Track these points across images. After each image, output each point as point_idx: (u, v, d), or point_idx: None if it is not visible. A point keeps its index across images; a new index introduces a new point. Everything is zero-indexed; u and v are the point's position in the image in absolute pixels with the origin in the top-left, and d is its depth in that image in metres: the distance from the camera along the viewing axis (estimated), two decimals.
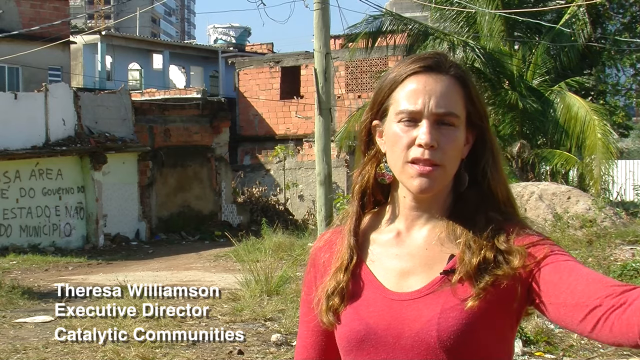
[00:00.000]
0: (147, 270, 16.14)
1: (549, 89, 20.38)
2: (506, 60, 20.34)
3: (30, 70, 26.39)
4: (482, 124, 1.66)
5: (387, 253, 1.66)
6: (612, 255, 12.48)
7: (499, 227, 1.58)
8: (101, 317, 9.88)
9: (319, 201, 12.81)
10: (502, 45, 20.74)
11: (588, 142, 19.14)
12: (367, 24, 20.21)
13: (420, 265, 1.62)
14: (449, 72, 1.63)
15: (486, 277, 1.53)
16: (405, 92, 1.62)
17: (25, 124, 20.33)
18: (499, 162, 1.67)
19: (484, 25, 20.62)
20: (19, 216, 20.32)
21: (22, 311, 10.85)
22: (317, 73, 12.78)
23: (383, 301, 1.60)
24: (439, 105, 1.58)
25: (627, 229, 16.48)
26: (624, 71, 28.61)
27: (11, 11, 27.30)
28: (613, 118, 23.33)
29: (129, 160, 22.74)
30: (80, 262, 18.14)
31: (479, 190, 1.65)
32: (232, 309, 10.64)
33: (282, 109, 28.14)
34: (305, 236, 18.96)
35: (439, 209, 1.64)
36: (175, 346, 8.39)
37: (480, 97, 1.66)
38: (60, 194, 21.12)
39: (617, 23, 26.54)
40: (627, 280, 10.46)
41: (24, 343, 8.60)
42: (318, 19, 12.78)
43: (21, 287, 12.61)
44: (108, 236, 21.78)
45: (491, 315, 1.54)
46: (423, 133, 1.57)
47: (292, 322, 9.41)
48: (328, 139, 12.86)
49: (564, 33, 20.98)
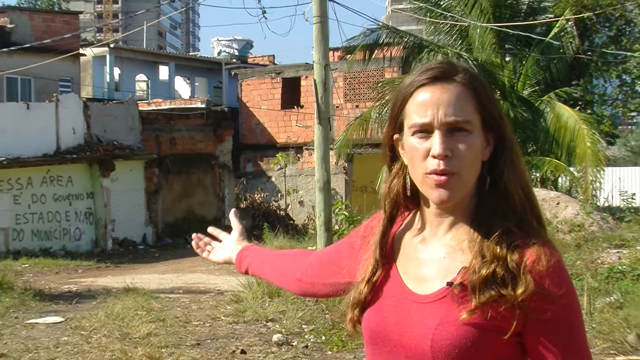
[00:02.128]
0: (154, 273, 16.14)
1: (539, 99, 20.40)
2: (498, 72, 20.36)
3: (42, 82, 26.42)
4: (498, 125, 1.62)
5: (412, 257, 1.66)
6: (599, 258, 12.47)
7: (516, 244, 1.53)
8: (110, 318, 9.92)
9: (319, 207, 12.80)
10: (494, 57, 20.76)
11: (578, 150, 19.15)
12: (365, 36, 20.23)
13: (436, 272, 1.60)
14: (456, 79, 1.60)
15: (491, 292, 1.50)
16: (415, 105, 1.60)
17: (37, 132, 20.35)
18: (519, 162, 1.62)
19: (476, 38, 20.64)
20: (30, 221, 20.34)
21: (33, 312, 10.86)
22: (316, 84, 12.78)
23: (400, 298, 1.61)
24: (447, 114, 1.56)
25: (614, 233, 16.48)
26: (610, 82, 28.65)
27: (24, 25, 27.36)
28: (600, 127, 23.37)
29: (136, 167, 22.76)
30: (89, 265, 18.15)
31: (497, 192, 1.61)
32: (235, 310, 10.64)
33: (283, 118, 28.15)
34: (305, 240, 18.97)
35: (462, 214, 1.62)
36: (180, 346, 8.40)
37: (492, 99, 1.63)
38: (71, 199, 21.14)
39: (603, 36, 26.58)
40: (613, 283, 10.46)
41: (35, 343, 8.61)
42: (317, 32, 12.79)
43: (33, 289, 12.62)
44: (116, 240, 21.79)
45: (488, 334, 1.51)
46: (436, 144, 1.55)
47: (292, 323, 9.42)
48: (327, 147, 12.85)
49: (553, 45, 21.02)
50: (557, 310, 1.51)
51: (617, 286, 10.14)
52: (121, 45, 37.70)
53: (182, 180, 24.60)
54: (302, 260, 2.04)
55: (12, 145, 19.67)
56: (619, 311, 8.70)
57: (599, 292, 9.69)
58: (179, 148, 24.53)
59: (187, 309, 11.16)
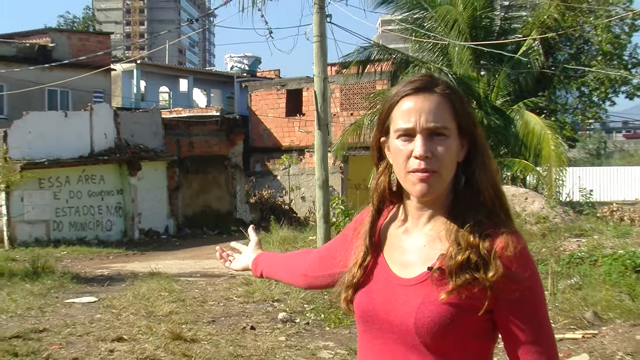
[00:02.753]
0: (175, 259, 16.15)
1: (510, 108, 20.39)
2: (474, 84, 20.35)
3: (78, 93, 26.41)
4: (472, 131, 1.63)
5: (397, 245, 1.66)
6: (561, 246, 12.48)
7: (487, 233, 1.54)
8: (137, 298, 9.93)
9: (318, 202, 12.81)
10: (471, 71, 20.75)
11: (543, 153, 19.14)
12: (358, 53, 20.22)
13: (418, 259, 1.60)
14: (436, 90, 1.61)
15: (466, 276, 1.51)
16: (400, 112, 1.60)
17: (74, 137, 20.36)
18: (489, 164, 1.63)
19: (455, 55, 20.63)
20: (68, 214, 20.34)
21: (71, 293, 10.87)
22: (316, 95, 12.79)
23: (386, 282, 1.62)
24: (428, 120, 1.57)
25: (574, 225, 16.51)
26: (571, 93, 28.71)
27: (63, 44, 27.38)
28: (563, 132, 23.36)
29: (159, 167, 22.76)
30: (119, 252, 18.17)
31: (471, 189, 1.62)
32: (245, 291, 10.65)
33: (287, 125, 28.14)
34: (307, 231, 18.97)
35: (439, 208, 1.62)
36: (198, 322, 8.41)
37: (467, 108, 1.63)
38: (103, 195, 21.15)
39: (565, 53, 26.61)
40: (574, 267, 10.47)
41: (73, 319, 8.62)
42: (317, 49, 12.79)
43: (70, 273, 12.64)
44: (142, 231, 21.79)
45: (464, 315, 1.51)
46: (418, 147, 1.56)
47: (295, 303, 9.42)
48: (325, 150, 12.86)
49: (522, 61, 21.02)
50: (523, 291, 1.52)
51: (576, 270, 10.16)
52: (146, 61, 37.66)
53: (199, 179, 24.59)
54: (305, 258, 2.06)
55: (52, 149, 19.70)
56: (579, 292, 8.72)
57: (561, 275, 9.71)
58: (196, 151, 24.52)
59: (204, 290, 11.17)
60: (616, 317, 7.42)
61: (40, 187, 19.69)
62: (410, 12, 21.15)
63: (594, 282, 9.07)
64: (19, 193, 19.04)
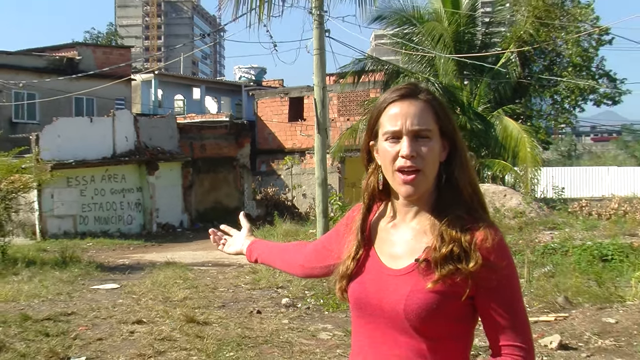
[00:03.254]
0: (188, 250, 16.15)
1: (490, 114, 20.40)
2: (458, 92, 20.36)
3: (102, 101, 26.41)
4: (452, 134, 1.62)
5: (386, 239, 1.66)
6: (536, 238, 12.50)
7: (467, 227, 1.54)
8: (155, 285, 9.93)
9: (318, 198, 12.80)
10: (455, 81, 20.75)
11: (520, 154, 19.16)
12: (354, 65, 20.23)
13: (406, 251, 1.60)
14: (420, 97, 1.61)
15: (449, 266, 1.50)
16: (388, 116, 1.60)
17: (98, 140, 20.36)
18: (466, 165, 1.62)
19: (440, 66, 20.63)
20: (93, 209, 20.34)
21: (96, 280, 10.89)
22: (316, 102, 12.77)
23: (377, 273, 1.61)
24: (413, 123, 1.57)
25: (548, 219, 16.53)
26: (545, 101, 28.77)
27: (88, 57, 27.38)
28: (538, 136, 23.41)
29: (174, 167, 22.74)
30: (138, 244, 18.16)
31: (451, 187, 1.62)
32: (252, 279, 10.65)
33: (290, 129, 28.13)
34: (307, 225, 18.97)
35: (424, 204, 1.62)
36: (209, 307, 8.41)
37: (447, 114, 1.63)
38: (124, 193, 21.13)
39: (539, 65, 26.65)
40: (547, 257, 10.48)
41: (97, 304, 8.63)
42: (317, 61, 12.77)
43: (95, 263, 12.64)
44: (159, 224, 21.77)
45: (448, 301, 1.51)
46: (404, 147, 1.56)
47: (297, 289, 9.42)
48: (324, 152, 12.85)
49: (501, 72, 21.02)
50: (500, 279, 1.52)
51: (549, 260, 10.17)
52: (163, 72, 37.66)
53: (211, 178, 24.57)
54: (301, 250, 2.05)
55: (79, 151, 19.68)
56: (551, 279, 8.72)
57: (536, 264, 9.72)
58: (208, 152, 24.50)
59: (215, 278, 11.17)
60: (585, 302, 7.43)
61: (68, 185, 19.69)
62: (400, 28, 21.16)
63: (565, 270, 9.08)
64: (50, 191, 19.03)
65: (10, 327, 7.09)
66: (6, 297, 8.89)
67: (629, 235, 13.36)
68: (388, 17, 20.73)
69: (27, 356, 5.96)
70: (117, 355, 6.07)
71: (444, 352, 1.53)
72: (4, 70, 24.48)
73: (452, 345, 1.55)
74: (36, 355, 5.99)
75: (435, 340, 1.53)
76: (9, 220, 13.88)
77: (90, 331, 7.05)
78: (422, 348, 1.52)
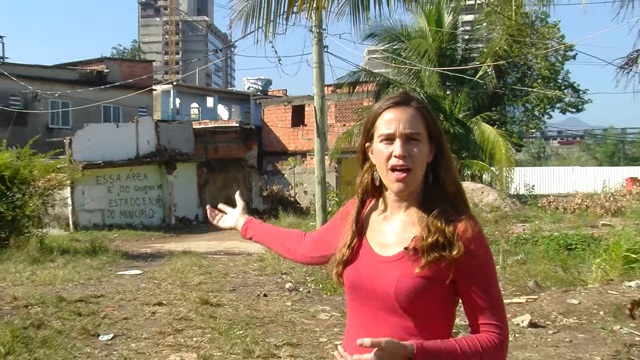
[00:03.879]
0: (203, 241, 16.15)
1: (470, 120, 20.41)
2: (441, 101, 20.37)
3: (127, 109, 26.37)
4: (438, 138, 1.62)
5: (378, 230, 1.65)
6: (510, 230, 12.51)
7: (451, 220, 1.54)
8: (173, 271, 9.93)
9: (317, 195, 12.81)
10: (438, 91, 20.77)
11: (496, 156, 19.17)
12: (349, 77, 20.24)
13: (396, 241, 1.60)
14: (411, 105, 1.61)
15: (434, 254, 1.51)
16: (383, 121, 1.60)
17: (124, 143, 20.36)
18: (451, 165, 1.63)
19: (425, 78, 20.65)
20: (119, 205, 20.34)
21: (122, 267, 10.88)
22: (315, 109, 12.77)
23: (370, 260, 1.61)
24: (405, 127, 1.57)
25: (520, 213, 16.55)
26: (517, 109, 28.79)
27: (115, 70, 27.36)
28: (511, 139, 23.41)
29: (190, 168, 22.73)
30: (159, 235, 18.16)
31: (438, 185, 1.62)
32: (259, 266, 10.64)
33: (292, 133, 28.11)
34: (308, 218, 18.99)
35: (413, 200, 1.62)
36: (221, 291, 8.41)
37: (434, 120, 1.63)
38: (146, 190, 21.13)
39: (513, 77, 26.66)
40: (519, 246, 10.49)
41: (123, 287, 8.63)
42: (316, 73, 12.77)
43: (121, 251, 12.64)
44: (177, 218, 21.76)
45: (433, 284, 1.51)
46: (397, 148, 1.56)
47: (299, 275, 9.42)
48: (323, 154, 12.86)
49: (479, 83, 21.05)
50: (479, 265, 1.53)
51: (521, 249, 10.19)
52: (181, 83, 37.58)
53: (222, 177, 24.54)
54: (301, 240, 2.02)
55: (106, 152, 19.71)
56: (523, 266, 8.74)
57: (509, 253, 9.73)
58: (220, 154, 24.48)
59: (226, 265, 11.17)
60: (552, 285, 7.45)
61: (97, 183, 19.68)
62: (390, 44, 21.17)
63: (535, 258, 9.10)
64: (81, 188, 19.03)
65: (48, 307, 7.10)
66: (44, 281, 8.91)
67: (590, 227, 13.38)
68: (379, 34, 20.74)
69: (63, 333, 5.97)
70: (141, 333, 6.08)
71: (429, 330, 1.53)
72: (42, 82, 24.48)
73: (437, 324, 1.56)
74: (70, 332, 6.00)
75: (422, 319, 1.53)
76: (46, 213, 13.93)
77: (117, 311, 7.06)
78: (410, 326, 1.53)
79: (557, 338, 5.47)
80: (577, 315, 5.99)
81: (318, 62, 12.70)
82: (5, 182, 12.10)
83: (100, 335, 5.95)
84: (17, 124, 23.15)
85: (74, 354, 5.28)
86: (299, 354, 5.29)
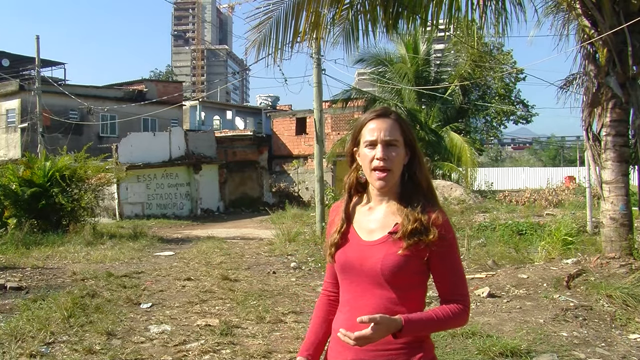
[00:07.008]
0: (223, 228, 16.15)
1: (441, 129, 20.43)
2: (417, 114, 20.38)
3: (161, 120, 26.31)
4: (413, 144, 1.62)
5: (364, 219, 1.64)
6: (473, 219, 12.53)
7: (426, 210, 1.54)
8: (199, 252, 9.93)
9: (316, 191, 12.82)
10: (416, 106, 20.78)
11: (463, 159, 19.19)
12: (343, 94, 20.23)
13: (379, 227, 1.59)
14: (390, 117, 1.60)
15: (414, 238, 1.51)
16: (368, 130, 1.59)
17: (159, 149, 20.37)
18: (423, 167, 1.62)
19: (405, 95, 20.67)
20: (155, 198, 20.34)
21: (158, 249, 10.90)
22: (315, 121, 12.79)
23: (357, 245, 1.60)
24: (386, 135, 1.56)
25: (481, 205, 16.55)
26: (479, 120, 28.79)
27: (152, 89, 27.33)
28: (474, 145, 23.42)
29: (213, 169, 22.70)
30: (188, 223, 18.15)
31: (413, 182, 1.61)
32: (269, 249, 10.66)
33: (296, 140, 28.07)
34: (309, 210, 19.02)
35: (393, 194, 1.61)
36: (238, 269, 8.43)
37: (410, 129, 1.62)
38: (177, 186, 21.12)
39: (475, 95, 26.66)
40: (481, 232, 10.50)
41: (159, 265, 8.65)
42: (316, 91, 12.79)
43: (157, 236, 12.66)
44: (202, 209, 21.72)
45: (412, 261, 1.52)
46: (378, 152, 1.55)
47: (302, 256, 9.43)
48: (321, 157, 12.87)
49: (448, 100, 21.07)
50: (447, 246, 1.53)
51: (483, 234, 10.20)
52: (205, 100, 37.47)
53: (239, 176, 24.55)
54: (331, 288, 1.76)
55: (145, 156, 19.74)
56: (484, 248, 8.76)
57: (473, 237, 9.75)
58: (237, 157, 24.48)
59: (242, 248, 11.19)
60: (506, 263, 7.47)
61: (138, 181, 19.67)
62: (376, 67, 21.17)
63: (493, 241, 9.12)
64: (125, 185, 19.07)
65: (99, 281, 7.13)
66: (96, 260, 8.96)
67: (537, 216, 13.42)
68: (367, 59, 20.75)
69: (112, 301, 5.99)
70: (173, 302, 6.10)
71: (409, 300, 1.54)
72: (95, 99, 24.51)
73: (415, 294, 1.56)
74: (117, 301, 6.03)
75: (403, 290, 1.53)
76: (97, 205, 13.98)
77: (154, 285, 7.07)
78: (393, 297, 1.52)
79: (510, 305, 5.50)
80: (526, 287, 6.02)
81: (317, 82, 12.71)
82: (66, 180, 12.28)
83: (141, 304, 5.97)
84: (75, 133, 23.18)
85: (121, 318, 5.31)
86: (301, 320, 5.31)
